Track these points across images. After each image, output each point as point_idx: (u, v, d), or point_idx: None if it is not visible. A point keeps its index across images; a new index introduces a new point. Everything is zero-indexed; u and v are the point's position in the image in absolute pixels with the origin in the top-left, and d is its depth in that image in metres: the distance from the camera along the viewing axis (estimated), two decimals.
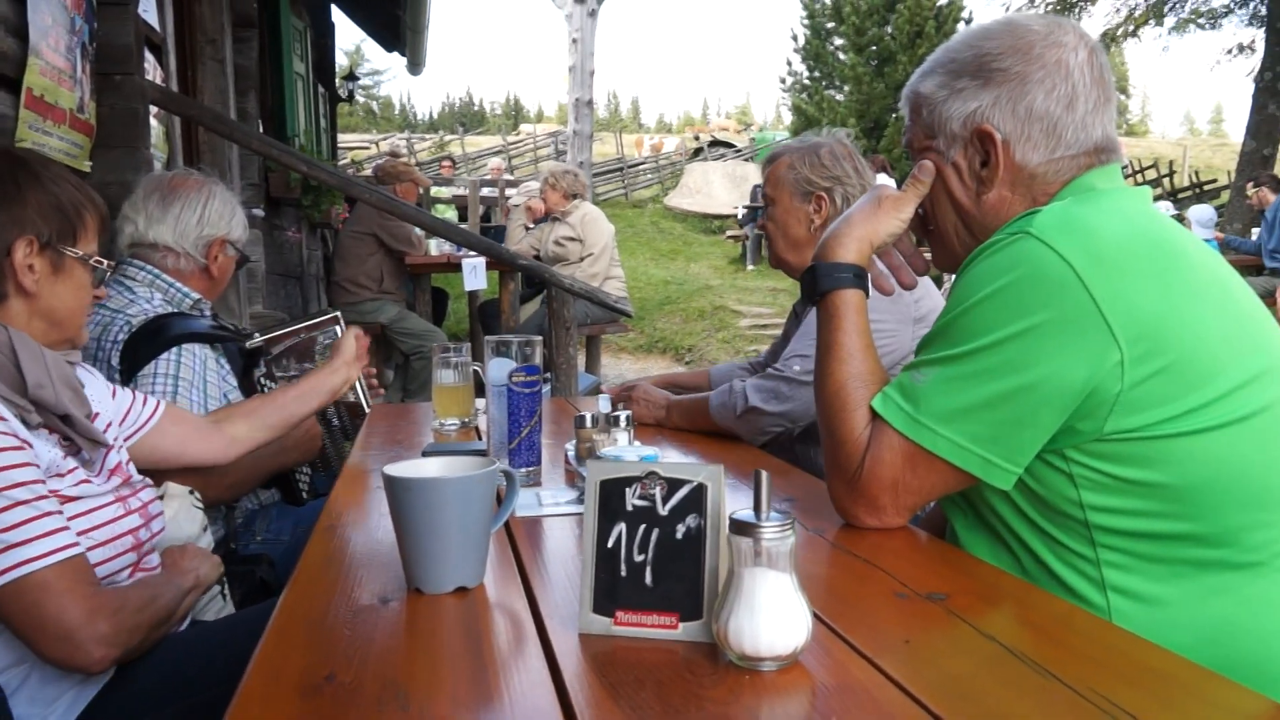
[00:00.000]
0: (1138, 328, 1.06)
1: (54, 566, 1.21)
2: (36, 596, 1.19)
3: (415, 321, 5.98)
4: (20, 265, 1.39)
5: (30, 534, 1.21)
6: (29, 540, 1.20)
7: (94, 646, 1.22)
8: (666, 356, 9.46)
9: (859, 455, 1.21)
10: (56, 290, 1.44)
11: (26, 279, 1.40)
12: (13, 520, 1.20)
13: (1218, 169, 21.86)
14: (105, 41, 3.02)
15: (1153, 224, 1.15)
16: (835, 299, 1.30)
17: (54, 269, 1.44)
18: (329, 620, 0.97)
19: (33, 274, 1.41)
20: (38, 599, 1.20)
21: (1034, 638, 0.91)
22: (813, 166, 2.08)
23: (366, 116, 61.80)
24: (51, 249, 1.43)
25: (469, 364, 2.16)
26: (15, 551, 1.19)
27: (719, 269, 14.81)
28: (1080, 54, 1.22)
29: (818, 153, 2.09)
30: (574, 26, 14.63)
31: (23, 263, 1.39)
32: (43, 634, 1.21)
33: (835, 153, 2.09)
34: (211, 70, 4.87)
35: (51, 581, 1.20)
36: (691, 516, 0.92)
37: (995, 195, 1.25)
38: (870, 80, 17.52)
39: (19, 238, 1.39)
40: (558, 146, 23.16)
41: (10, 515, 1.20)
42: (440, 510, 1.03)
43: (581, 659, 0.87)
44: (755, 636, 0.82)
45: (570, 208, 6.07)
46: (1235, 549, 1.10)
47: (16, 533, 1.20)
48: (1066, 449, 1.11)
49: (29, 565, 1.19)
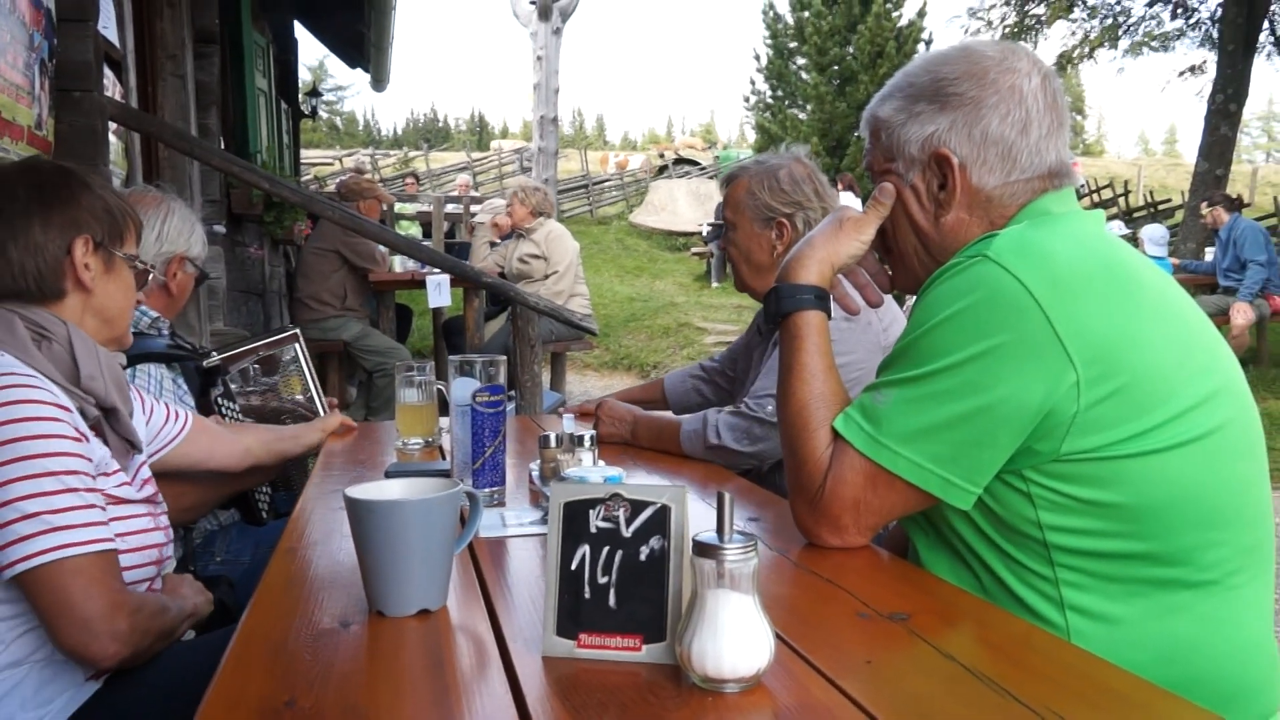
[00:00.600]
0: (1093, 350, 1.08)
1: (90, 556, 1.26)
2: (68, 581, 1.24)
3: (379, 339, 5.94)
4: (79, 263, 1.46)
5: (75, 521, 1.26)
6: (73, 526, 1.26)
7: (110, 640, 1.26)
8: (632, 373, 9.46)
9: (821, 475, 1.22)
10: (109, 289, 1.52)
11: (85, 276, 1.47)
12: (63, 504, 1.26)
13: (1172, 189, 22.33)
14: (64, 58, 2.98)
15: (1107, 248, 1.18)
16: (797, 320, 1.31)
17: (106, 268, 1.51)
18: (289, 644, 0.96)
19: (89, 271, 1.48)
20: (68, 583, 1.24)
21: (993, 657, 0.92)
22: (773, 191, 2.05)
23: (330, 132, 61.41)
24: (104, 249, 1.50)
25: (433, 382, 2.15)
26: (59, 534, 1.24)
27: (684, 286, 14.87)
28: (1034, 80, 1.25)
29: (776, 176, 2.06)
30: (539, 44, 14.67)
31: (81, 260, 1.46)
32: (66, 619, 1.24)
33: (795, 175, 2.06)
34: (172, 86, 4.83)
35: (85, 569, 1.25)
36: (655, 538, 0.92)
37: (953, 217, 1.27)
38: (832, 99, 17.71)
39: (77, 237, 1.46)
40: (523, 163, 23.16)
41: (61, 499, 1.26)
42: (403, 533, 1.02)
43: (544, 682, 0.87)
44: (718, 658, 0.82)
45: (535, 225, 6.07)
46: (1190, 568, 1.12)
47: (63, 517, 1.25)
48: (1025, 469, 1.13)
49: (69, 550, 1.24)
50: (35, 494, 1.24)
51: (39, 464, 1.25)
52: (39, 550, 1.23)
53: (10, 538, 1.23)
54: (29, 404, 1.27)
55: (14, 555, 1.22)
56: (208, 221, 5.42)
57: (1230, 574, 1.14)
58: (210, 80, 5.69)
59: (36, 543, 1.23)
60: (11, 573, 1.23)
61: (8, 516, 1.23)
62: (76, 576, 1.24)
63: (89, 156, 3.00)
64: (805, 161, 2.11)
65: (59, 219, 1.45)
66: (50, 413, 1.29)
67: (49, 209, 1.44)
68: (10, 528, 1.23)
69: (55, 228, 1.44)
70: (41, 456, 1.26)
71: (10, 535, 1.23)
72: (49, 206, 1.44)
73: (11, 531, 1.23)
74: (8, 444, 1.24)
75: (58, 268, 1.45)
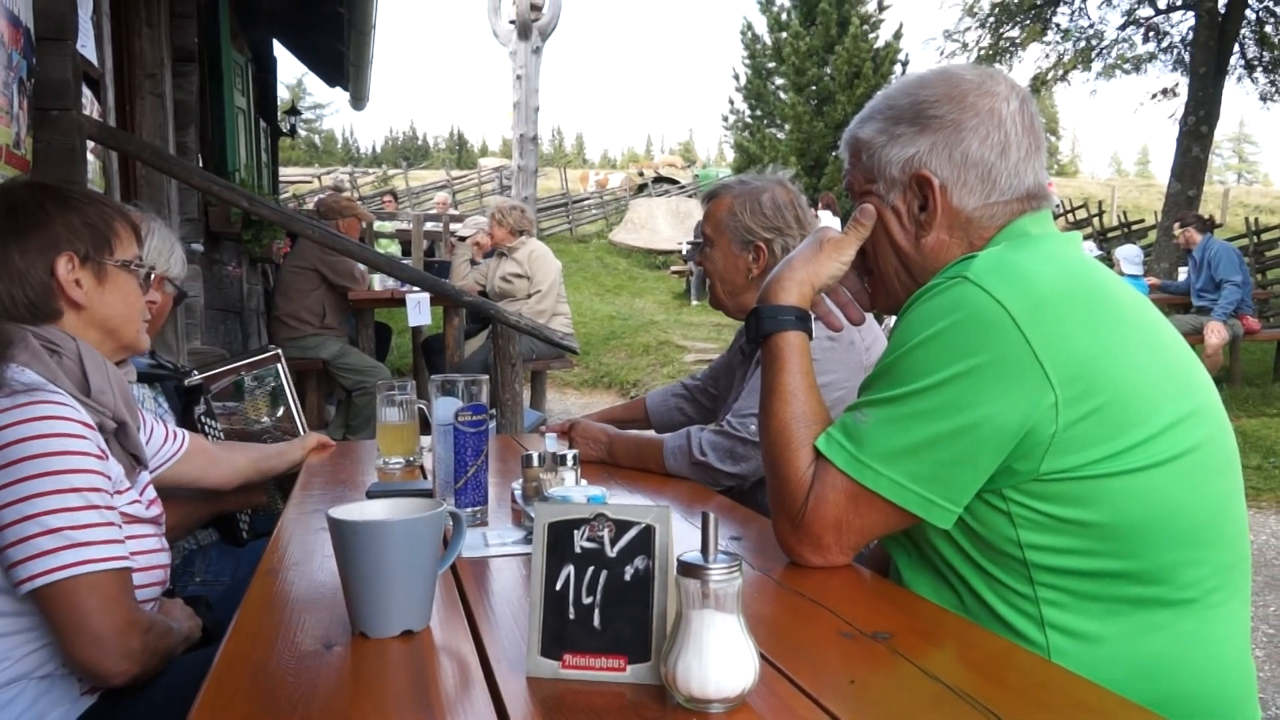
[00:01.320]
0: (1071, 370, 1.09)
1: (109, 573, 1.27)
2: (85, 597, 1.25)
3: (358, 357, 5.91)
4: (66, 281, 1.46)
5: (97, 538, 1.27)
6: (93, 543, 1.27)
7: (121, 658, 1.27)
8: (612, 391, 9.46)
9: (803, 494, 1.23)
10: (106, 299, 1.52)
11: (75, 293, 1.47)
12: (85, 520, 1.27)
13: (1145, 209, 22.62)
14: (43, 77, 2.97)
15: (1084, 269, 1.19)
16: (778, 341, 1.32)
17: (98, 280, 1.50)
18: (272, 667, 0.95)
19: (80, 288, 1.48)
20: (86, 599, 1.25)
21: (975, 677, 0.93)
22: (754, 214, 2.06)
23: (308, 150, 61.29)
24: (92, 261, 1.50)
25: (414, 401, 2.14)
26: (81, 550, 1.25)
27: (664, 304, 14.90)
28: (1012, 103, 1.27)
29: (759, 199, 2.07)
30: (518, 63, 14.70)
31: (68, 278, 1.46)
32: (80, 634, 1.25)
33: (777, 200, 2.07)
34: (151, 105, 4.81)
35: (104, 586, 1.26)
36: (640, 558, 0.92)
37: (934, 238, 1.29)
38: (810, 119, 17.85)
39: (58, 256, 1.45)
40: (502, 181, 23.17)
41: (84, 515, 1.27)
42: (386, 553, 1.02)
43: (529, 703, 0.87)
44: (703, 678, 0.82)
45: (518, 244, 6.07)
46: (1169, 586, 1.13)
47: (86, 533, 1.26)
48: (1005, 489, 1.14)
49: (88, 566, 1.25)
50: (60, 509, 1.25)
51: (65, 480, 1.26)
52: (60, 565, 1.24)
53: (33, 551, 1.23)
54: (57, 420, 1.28)
55: (36, 569, 1.23)
56: (186, 240, 5.39)
57: (1209, 592, 1.15)
58: (189, 99, 5.67)
59: (58, 558, 1.24)
60: (32, 586, 1.23)
61: (31, 531, 1.24)
62: (95, 593, 1.25)
63: (67, 175, 2.99)
64: (789, 186, 2.12)
65: (35, 242, 1.44)
66: (76, 430, 1.30)
67: (24, 234, 1.43)
68: (33, 541, 1.23)
69: (33, 252, 1.43)
70: (67, 473, 1.27)
71: (33, 549, 1.23)
72: (23, 232, 1.44)
73: (34, 546, 1.23)
74: (35, 459, 1.25)
75: (46, 291, 1.45)
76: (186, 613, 1.60)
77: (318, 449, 2.33)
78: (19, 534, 1.23)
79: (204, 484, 1.99)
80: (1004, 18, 15.50)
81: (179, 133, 5.35)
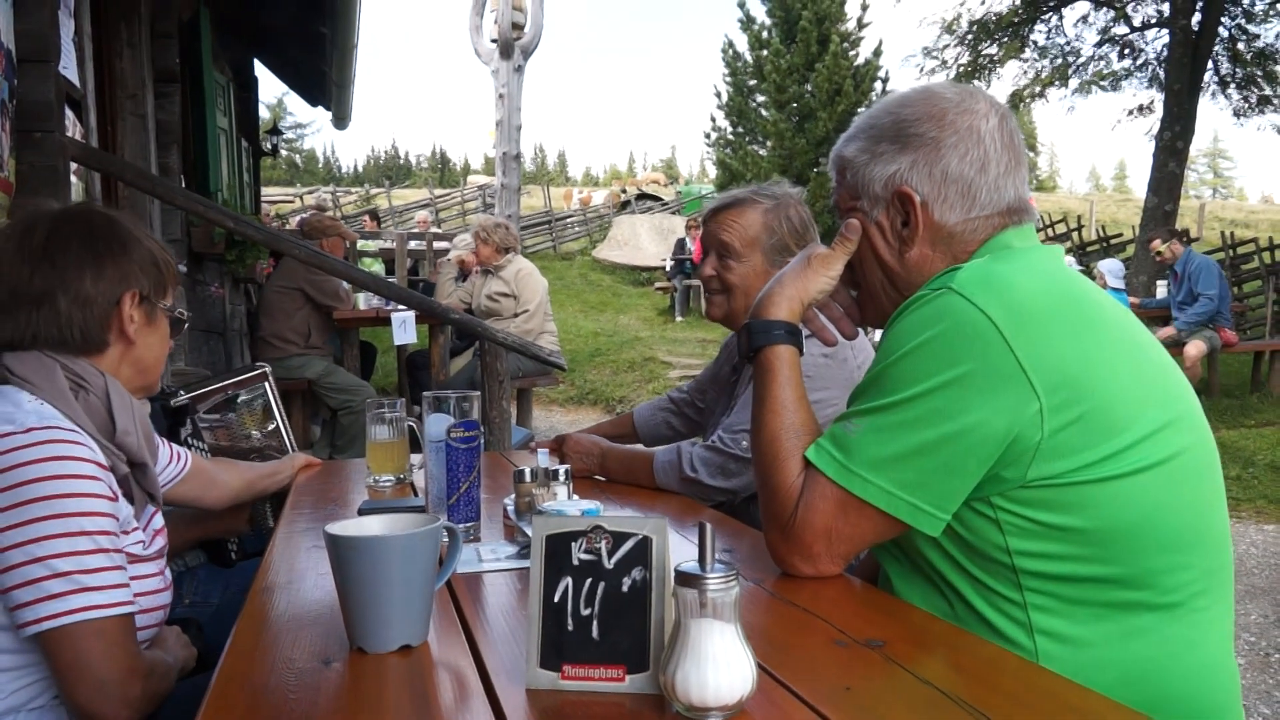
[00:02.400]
0: (1055, 378, 1.11)
1: (115, 619, 1.26)
2: (90, 643, 1.23)
3: (343, 376, 5.89)
4: (125, 316, 1.47)
5: (104, 582, 1.26)
6: (102, 588, 1.25)
7: (121, 706, 1.26)
8: (597, 408, 9.46)
9: (792, 503, 1.24)
10: (149, 340, 1.53)
11: (129, 329, 1.48)
12: (94, 565, 1.25)
13: (1123, 223, 22.87)
14: (25, 99, 2.97)
15: (1067, 280, 1.22)
16: (769, 354, 1.34)
17: (148, 320, 1.51)
18: (271, 684, 0.96)
19: (133, 324, 1.48)
20: (91, 645, 1.23)
21: (968, 682, 0.95)
22: (791, 231, 2.03)
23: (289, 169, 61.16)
24: (148, 302, 1.51)
25: (403, 419, 2.15)
26: (88, 595, 1.24)
27: (648, 320, 14.93)
28: (991, 120, 1.30)
29: (789, 213, 2.04)
30: (500, 82, 14.72)
31: (127, 314, 1.47)
32: (82, 680, 1.23)
33: (803, 217, 2.06)
34: (133, 125, 4.80)
35: (109, 632, 1.25)
36: (637, 569, 0.93)
37: (917, 253, 1.31)
38: (791, 136, 17.98)
39: (126, 291, 1.46)
40: (485, 200, 23.19)
41: (93, 559, 1.25)
42: (384, 568, 1.02)
43: (529, 714, 0.88)
44: (702, 687, 0.84)
45: (504, 262, 6.08)
46: (1153, 591, 1.15)
47: (94, 577, 1.25)
48: (992, 496, 1.16)
49: (95, 611, 1.24)
50: (69, 553, 1.24)
51: (75, 523, 1.25)
52: (67, 610, 1.22)
53: (40, 595, 1.22)
54: (70, 460, 1.27)
55: (42, 613, 1.22)
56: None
57: (1193, 596, 1.17)
58: (171, 119, 5.67)
59: (65, 602, 1.22)
60: (38, 629, 1.22)
61: (39, 574, 1.22)
62: (100, 638, 1.24)
63: (50, 197, 2.98)
64: (802, 201, 2.10)
65: (111, 273, 1.45)
66: (90, 470, 1.29)
67: (101, 262, 1.44)
68: (41, 585, 1.22)
69: (107, 281, 1.44)
70: (78, 515, 1.25)
71: (40, 593, 1.22)
72: (101, 259, 1.44)
73: (42, 589, 1.22)
74: (46, 500, 1.24)
75: (104, 321, 1.45)
76: (182, 641, 1.60)
77: (305, 468, 2.33)
78: (26, 576, 1.22)
79: (201, 504, 1.99)
80: (982, 35, 15.68)
81: (161, 153, 5.34)
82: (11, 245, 1.41)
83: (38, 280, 1.39)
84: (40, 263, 1.40)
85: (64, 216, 1.46)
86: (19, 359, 1.39)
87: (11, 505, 1.23)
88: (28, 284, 1.39)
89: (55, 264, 1.40)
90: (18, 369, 1.37)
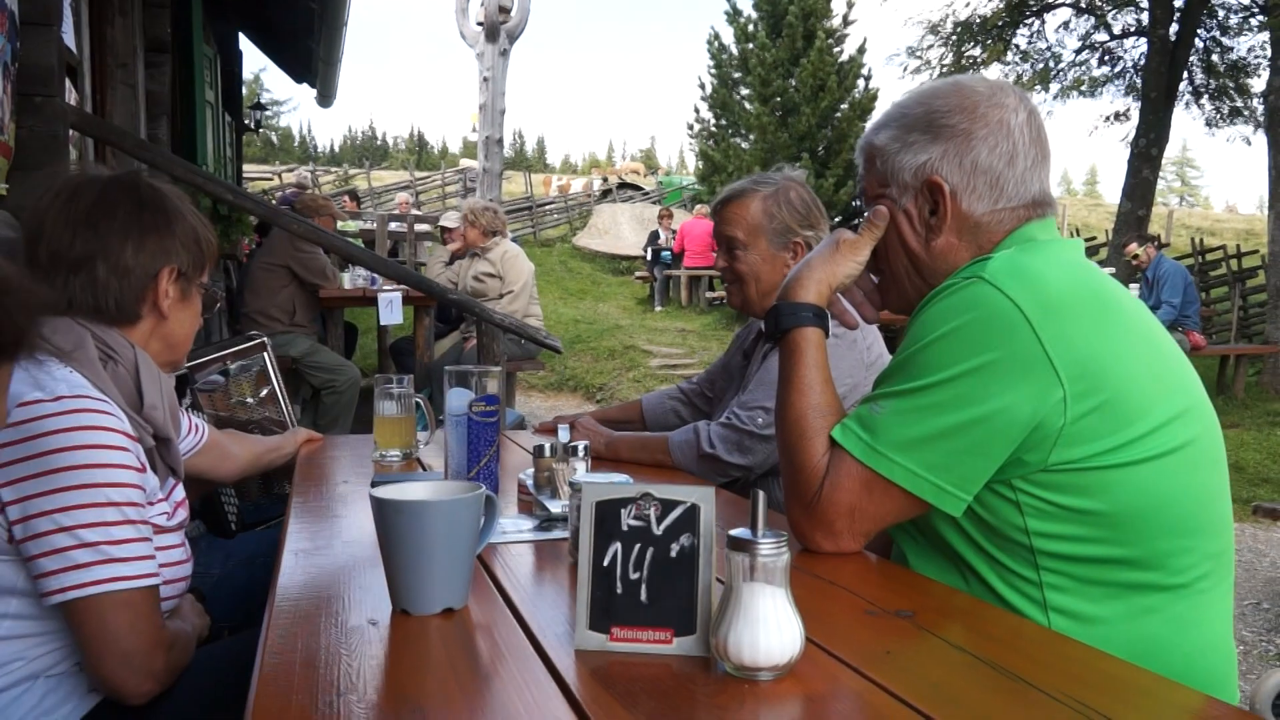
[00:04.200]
0: (1079, 368, 1.16)
1: (140, 590, 1.26)
2: (117, 614, 1.24)
3: (327, 355, 5.87)
4: (162, 290, 1.47)
5: (131, 554, 1.26)
6: (128, 559, 1.25)
7: (145, 677, 1.27)
8: (577, 395, 9.48)
9: (817, 481, 1.28)
10: (181, 316, 1.53)
11: (164, 303, 1.48)
12: (122, 535, 1.25)
13: (1095, 227, 23.14)
14: (27, 62, 2.93)
15: (1089, 273, 1.26)
16: (796, 336, 1.38)
17: (182, 296, 1.51)
18: (323, 642, 0.98)
19: (168, 299, 1.48)
20: (117, 616, 1.24)
21: (998, 649, 0.99)
22: (791, 214, 2.08)
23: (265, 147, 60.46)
24: (185, 278, 1.51)
25: (411, 395, 2.16)
26: (115, 566, 1.24)
27: (627, 309, 14.95)
28: (1020, 115, 1.33)
29: (788, 197, 2.09)
30: (485, 65, 14.67)
31: (164, 288, 1.47)
32: (107, 651, 1.24)
33: (804, 198, 2.11)
34: (123, 95, 4.75)
35: (135, 604, 1.26)
36: (685, 535, 0.96)
37: (943, 241, 1.35)
38: (775, 130, 18.00)
39: (166, 265, 1.46)
40: (466, 184, 23.08)
41: (121, 530, 1.25)
42: (431, 531, 1.05)
43: (583, 672, 0.91)
44: (754, 647, 0.87)
45: (491, 244, 6.08)
46: (1163, 572, 1.20)
47: (121, 549, 1.25)
48: (1014, 479, 1.20)
49: (122, 582, 1.24)
50: (96, 523, 1.23)
51: (103, 493, 1.24)
52: (93, 580, 1.22)
53: (66, 564, 1.22)
54: (100, 430, 1.26)
55: (68, 582, 1.22)
56: None
57: (1199, 578, 1.22)
58: (161, 90, 5.61)
59: (91, 572, 1.22)
60: (63, 599, 1.22)
61: (66, 543, 1.22)
62: (126, 610, 1.24)
63: (49, 163, 2.95)
64: (804, 182, 2.15)
65: (153, 245, 1.44)
66: (119, 441, 1.28)
67: (145, 234, 1.44)
68: (67, 554, 1.22)
69: (148, 253, 1.44)
70: (106, 486, 1.25)
71: (66, 562, 1.22)
72: (145, 231, 1.44)
73: (68, 558, 1.22)
74: (74, 469, 1.23)
75: (140, 293, 1.45)
76: (196, 609, 1.61)
77: (306, 443, 2.34)
78: (53, 545, 1.22)
79: (214, 476, 2.00)
80: (966, 37, 15.80)
81: (151, 124, 5.29)
82: (55, 208, 1.40)
83: (79, 245, 1.39)
84: (83, 228, 1.39)
85: (113, 184, 1.46)
86: (50, 324, 1.37)
87: (39, 473, 1.22)
88: (68, 248, 1.39)
89: (98, 231, 1.40)
90: (48, 334, 1.36)
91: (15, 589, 1.26)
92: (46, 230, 1.39)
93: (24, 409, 1.23)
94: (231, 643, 1.57)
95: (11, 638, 1.27)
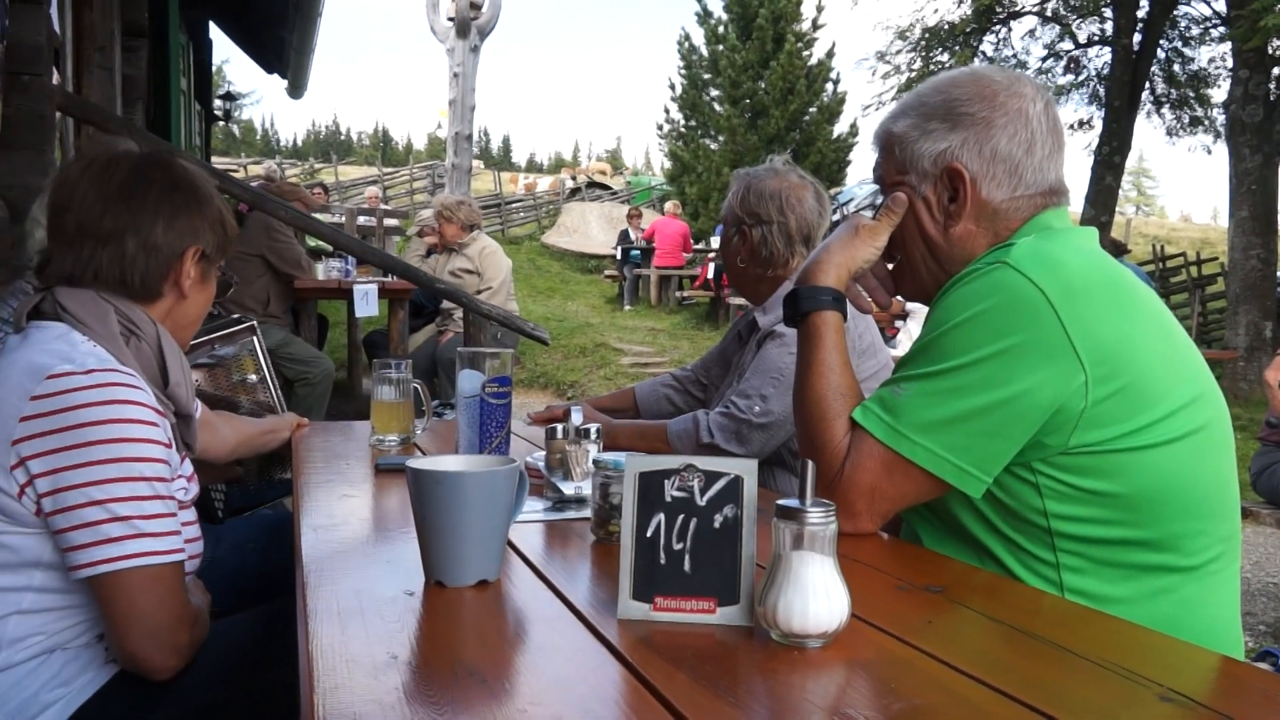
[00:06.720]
0: (1099, 352, 1.18)
1: (170, 565, 1.27)
2: (147, 589, 1.24)
3: (301, 347, 5.81)
4: (185, 270, 1.47)
5: (161, 529, 1.26)
6: (160, 534, 1.26)
7: (171, 653, 1.27)
8: (548, 392, 9.47)
9: (838, 462, 1.30)
10: (197, 298, 1.53)
11: (185, 283, 1.48)
12: (153, 510, 1.26)
13: None
14: (16, 40, 2.88)
15: (1106, 261, 1.29)
16: (816, 319, 1.39)
17: (202, 277, 1.51)
18: (364, 609, 0.98)
19: (189, 279, 1.48)
20: (146, 591, 1.24)
21: (1033, 620, 1.01)
22: (742, 204, 2.22)
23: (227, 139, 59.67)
24: (207, 260, 1.51)
25: (409, 380, 2.16)
26: (146, 541, 1.24)
27: (596, 308, 14.94)
28: (1038, 104, 1.36)
29: (748, 185, 2.25)
30: (456, 61, 14.59)
31: (187, 268, 1.47)
32: (135, 625, 1.24)
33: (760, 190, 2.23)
34: (100, 79, 4.68)
35: (165, 578, 1.26)
36: (729, 506, 0.98)
37: (961, 228, 1.37)
38: (744, 131, 18.11)
39: (192, 245, 1.47)
40: (434, 179, 22.94)
41: (151, 505, 1.26)
42: (467, 503, 1.05)
43: (628, 639, 0.92)
44: (804, 614, 0.88)
45: (469, 240, 6.06)
46: (1177, 554, 1.23)
47: (152, 523, 1.25)
48: (1034, 461, 1.23)
49: (154, 557, 1.24)
50: (129, 497, 1.23)
51: (135, 468, 1.24)
52: (124, 555, 1.22)
53: (98, 538, 1.21)
54: (131, 405, 1.26)
55: (99, 556, 1.21)
56: None
57: (1210, 560, 1.25)
58: (137, 75, 5.53)
59: (123, 546, 1.22)
60: (94, 572, 1.21)
61: (98, 516, 1.21)
62: (156, 585, 1.25)
63: (36, 143, 2.91)
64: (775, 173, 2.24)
65: (183, 224, 1.44)
66: (149, 416, 1.28)
67: (176, 212, 1.44)
68: (99, 528, 1.21)
69: (177, 232, 1.44)
70: (137, 460, 1.25)
71: (98, 536, 1.21)
72: (177, 210, 1.44)
73: (100, 532, 1.21)
74: (107, 443, 1.23)
75: (164, 271, 1.44)
76: (200, 586, 1.61)
77: (296, 428, 2.33)
78: (85, 518, 1.21)
79: (204, 455, 1.97)
80: (934, 43, 15.98)
81: (127, 109, 5.21)
82: (87, 180, 1.39)
83: (109, 219, 1.38)
84: (115, 202, 1.39)
85: (149, 160, 1.46)
86: (73, 295, 1.37)
87: (72, 446, 1.21)
88: (98, 221, 1.38)
89: (130, 205, 1.40)
90: (70, 305, 1.35)
91: (41, 562, 1.24)
92: (76, 201, 1.38)
93: (55, 380, 1.22)
94: (240, 618, 1.57)
95: (35, 611, 1.26)
